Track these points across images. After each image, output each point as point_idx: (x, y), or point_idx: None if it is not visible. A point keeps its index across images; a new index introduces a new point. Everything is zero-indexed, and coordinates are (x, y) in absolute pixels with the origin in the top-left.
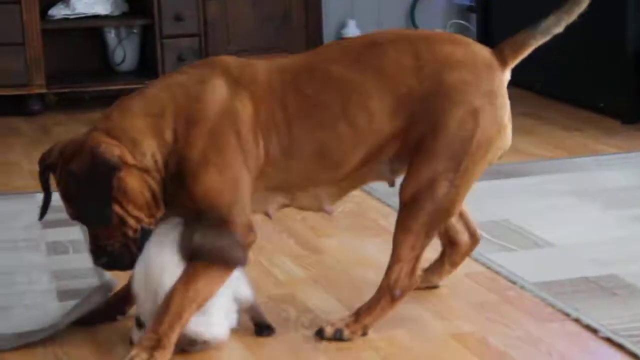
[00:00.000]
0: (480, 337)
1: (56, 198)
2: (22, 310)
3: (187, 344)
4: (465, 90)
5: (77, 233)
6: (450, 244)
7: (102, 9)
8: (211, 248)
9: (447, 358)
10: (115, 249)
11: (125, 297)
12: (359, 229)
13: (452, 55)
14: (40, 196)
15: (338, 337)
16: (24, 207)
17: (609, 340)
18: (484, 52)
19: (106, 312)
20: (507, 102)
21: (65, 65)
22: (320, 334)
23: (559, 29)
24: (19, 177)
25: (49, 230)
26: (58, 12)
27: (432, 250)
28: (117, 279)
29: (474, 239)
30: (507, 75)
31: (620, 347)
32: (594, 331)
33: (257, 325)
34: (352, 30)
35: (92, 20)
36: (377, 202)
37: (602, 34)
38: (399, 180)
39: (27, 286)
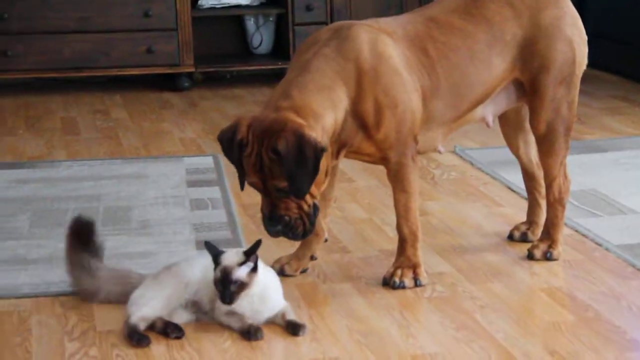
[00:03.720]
0: (567, 291)
1: (200, 162)
2: (166, 256)
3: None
4: (558, 24)
5: (216, 192)
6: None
7: (244, 0)
8: None
9: (537, 309)
10: (292, 219)
11: None
12: (462, 194)
13: None
14: (188, 160)
15: (549, 257)
16: (173, 169)
17: None
18: None
19: None
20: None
21: (210, 48)
22: (530, 257)
23: None
24: (170, 143)
25: (192, 189)
26: (206, 2)
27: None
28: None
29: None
30: None
31: None
32: None
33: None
34: None
35: (234, 9)
36: (478, 171)
37: None
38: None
39: (172, 236)
